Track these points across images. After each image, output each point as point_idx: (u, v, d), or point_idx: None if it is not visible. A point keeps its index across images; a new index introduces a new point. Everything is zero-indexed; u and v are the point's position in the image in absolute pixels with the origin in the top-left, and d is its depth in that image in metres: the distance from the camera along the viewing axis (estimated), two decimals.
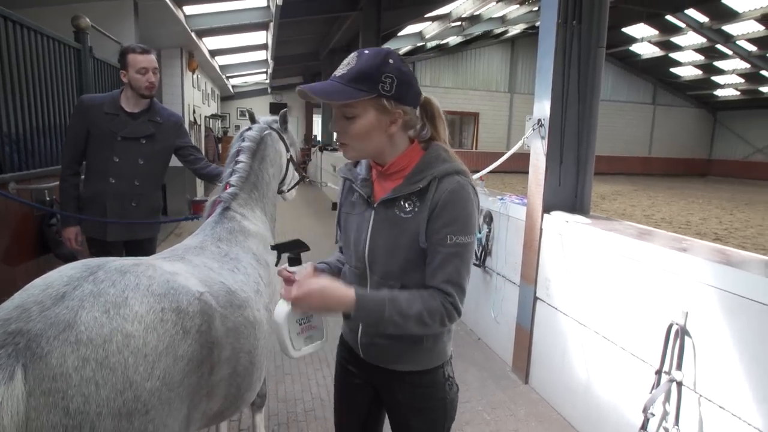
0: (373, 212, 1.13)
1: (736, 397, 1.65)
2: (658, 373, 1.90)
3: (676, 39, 16.30)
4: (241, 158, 1.82)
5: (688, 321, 1.82)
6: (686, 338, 1.83)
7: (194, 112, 8.98)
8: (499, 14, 13.97)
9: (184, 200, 7.35)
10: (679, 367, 1.83)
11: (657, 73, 20.34)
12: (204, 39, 7.91)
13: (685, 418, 1.82)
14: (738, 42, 15.40)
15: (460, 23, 13.38)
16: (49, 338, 0.87)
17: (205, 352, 1.08)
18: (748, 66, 16.91)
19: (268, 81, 14.33)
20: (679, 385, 1.82)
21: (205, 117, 10.69)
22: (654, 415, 1.87)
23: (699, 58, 17.54)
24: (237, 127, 16.44)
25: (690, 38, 15.97)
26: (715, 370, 1.73)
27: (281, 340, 1.10)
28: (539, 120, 2.78)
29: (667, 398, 1.85)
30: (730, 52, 16.05)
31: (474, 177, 1.17)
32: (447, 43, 16.42)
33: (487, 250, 3.38)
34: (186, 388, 1.02)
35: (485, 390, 2.82)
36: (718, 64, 17.72)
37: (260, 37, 8.64)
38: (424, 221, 1.06)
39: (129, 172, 2.40)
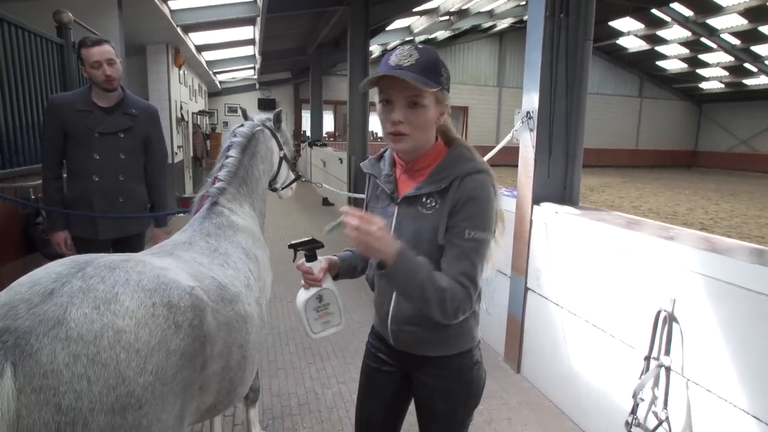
0: (397, 207, 1.18)
1: (722, 380, 1.69)
2: (647, 359, 1.93)
3: (661, 32, 16.45)
4: (231, 153, 1.81)
5: (676, 307, 1.86)
6: (674, 324, 1.86)
7: (181, 108, 8.87)
8: (487, 8, 13.98)
9: (172, 197, 7.27)
10: (668, 353, 1.86)
11: (643, 66, 20.54)
12: (190, 34, 7.79)
13: (673, 402, 1.86)
14: (722, 35, 15.60)
15: (448, 17, 13.36)
16: (39, 335, 0.86)
17: (197, 346, 1.07)
18: (732, 59, 17.14)
19: (256, 77, 14.17)
20: (668, 370, 1.86)
21: (193, 113, 10.56)
22: (643, 400, 1.90)
23: (684, 51, 17.73)
24: (225, 124, 16.29)
25: (675, 32, 16.13)
26: (702, 354, 1.76)
27: (302, 322, 1.27)
28: (528, 112, 2.80)
29: (656, 383, 1.89)
30: (714, 46, 16.25)
31: None
32: (435, 38, 16.39)
33: None
34: (179, 382, 1.01)
35: None
36: (703, 57, 17.93)
37: (247, 32, 8.54)
38: (445, 219, 1.10)
39: (112, 168, 2.35)
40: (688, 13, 14.65)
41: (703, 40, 16.00)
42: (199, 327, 1.09)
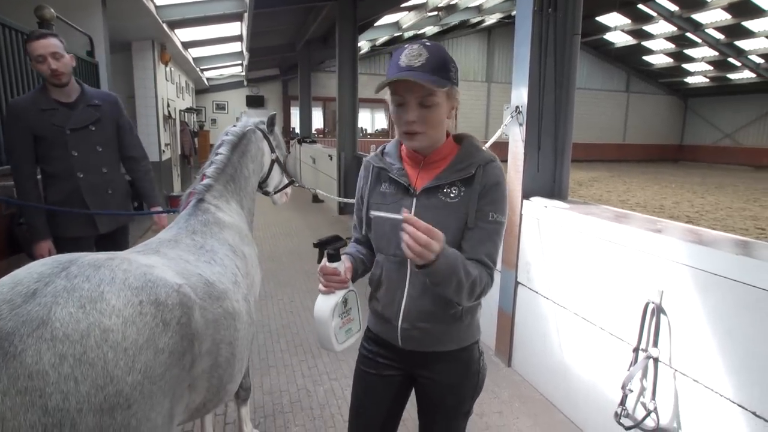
0: (415, 200, 1.18)
1: (708, 370, 1.71)
2: (636, 350, 1.95)
3: (647, 27, 16.61)
4: (221, 150, 1.83)
5: (664, 299, 1.88)
6: (662, 316, 1.88)
7: (168, 105, 8.77)
8: (476, 4, 13.99)
9: (160, 193, 7.19)
10: (656, 344, 1.89)
11: (630, 61, 20.72)
12: (176, 30, 7.69)
13: (661, 393, 1.88)
14: (707, 30, 15.79)
15: (436, 13, 13.35)
16: (22, 336, 0.84)
17: (185, 344, 1.06)
18: (717, 54, 17.36)
19: (243, 73, 14.04)
20: (656, 361, 1.88)
21: (180, 111, 10.44)
22: (632, 391, 1.93)
23: (670, 46, 17.92)
24: (213, 121, 16.10)
25: (661, 27, 16.30)
26: (690, 345, 1.79)
27: (326, 334, 1.13)
28: (517, 107, 2.80)
29: (645, 374, 1.91)
30: (699, 41, 16.44)
31: None
32: (424, 33, 16.36)
33: None
34: (168, 381, 1.00)
35: None
36: (688, 52, 18.14)
37: (235, 28, 8.45)
38: (474, 203, 1.14)
39: (93, 162, 2.32)
40: (673, 8, 14.81)
41: (689, 35, 16.18)
42: (187, 325, 1.08)
